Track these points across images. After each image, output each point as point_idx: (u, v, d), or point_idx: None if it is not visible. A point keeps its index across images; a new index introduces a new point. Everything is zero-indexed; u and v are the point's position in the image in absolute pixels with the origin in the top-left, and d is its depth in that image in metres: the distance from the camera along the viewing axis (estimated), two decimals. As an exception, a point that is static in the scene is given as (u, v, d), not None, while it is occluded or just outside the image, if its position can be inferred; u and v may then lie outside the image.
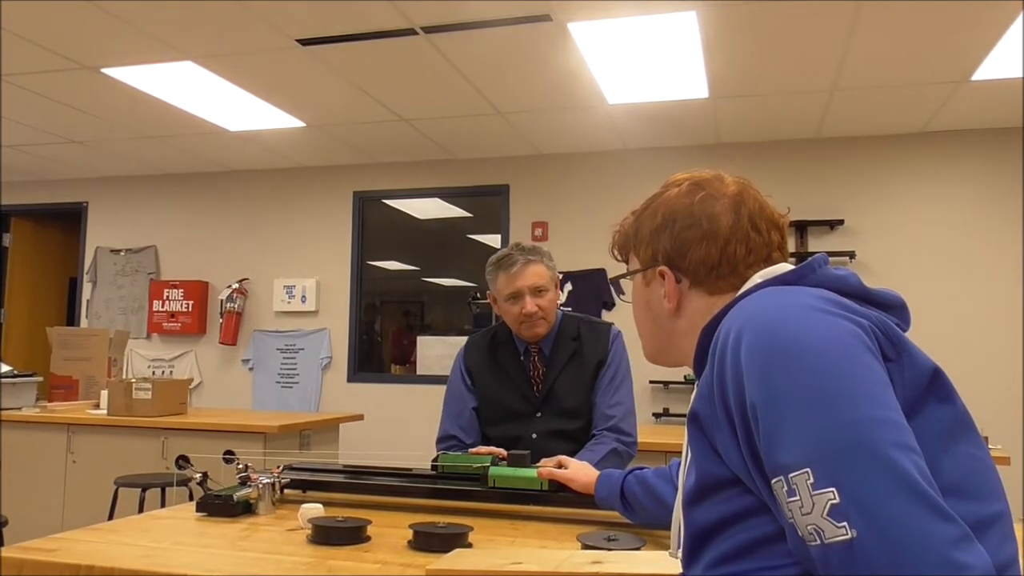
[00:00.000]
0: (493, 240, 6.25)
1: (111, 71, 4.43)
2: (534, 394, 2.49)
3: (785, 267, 1.08)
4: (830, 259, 1.04)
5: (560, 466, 2.00)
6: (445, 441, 2.55)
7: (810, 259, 1.02)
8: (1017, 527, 1.61)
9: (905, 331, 0.95)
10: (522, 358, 2.53)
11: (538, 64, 4.24)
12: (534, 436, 2.44)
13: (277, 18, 3.72)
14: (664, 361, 1.21)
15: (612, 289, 2.67)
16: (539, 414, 2.47)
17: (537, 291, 2.42)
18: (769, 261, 1.11)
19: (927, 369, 0.90)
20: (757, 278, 1.07)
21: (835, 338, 0.85)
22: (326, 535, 1.66)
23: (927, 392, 0.89)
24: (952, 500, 0.77)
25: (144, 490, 3.88)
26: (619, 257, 1.26)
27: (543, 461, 2.07)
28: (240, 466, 2.06)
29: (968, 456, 0.89)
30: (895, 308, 0.99)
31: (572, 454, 2.29)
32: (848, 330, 0.87)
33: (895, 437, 0.78)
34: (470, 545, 1.64)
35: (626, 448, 2.42)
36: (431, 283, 7.15)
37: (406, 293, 7.27)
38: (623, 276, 1.24)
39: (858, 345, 0.85)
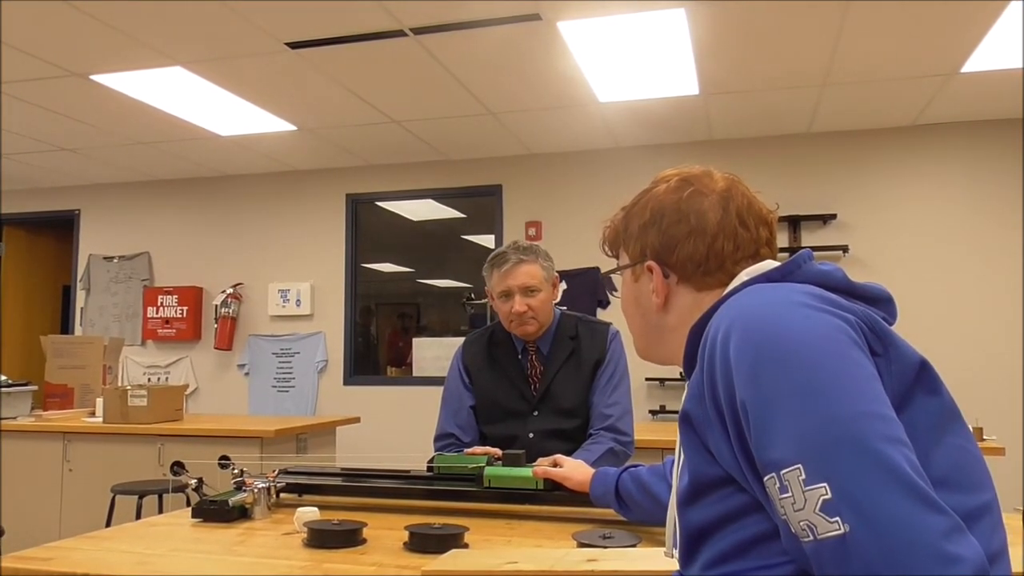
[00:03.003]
0: (487, 241, 6.25)
1: (100, 78, 4.42)
2: (531, 392, 2.49)
3: (771, 264, 1.08)
4: (824, 253, 1.04)
5: (555, 465, 2.00)
6: (443, 439, 2.55)
7: (795, 255, 1.02)
8: (1015, 517, 1.61)
9: (892, 324, 0.95)
10: (520, 356, 2.53)
11: (529, 63, 4.24)
12: (531, 435, 2.44)
13: (266, 22, 3.72)
14: (655, 358, 1.21)
15: (605, 286, 2.66)
16: (536, 413, 2.47)
17: (527, 291, 2.42)
18: (757, 257, 1.11)
19: (914, 362, 0.90)
20: (744, 275, 1.06)
21: (822, 334, 0.85)
22: (322, 538, 1.66)
23: (915, 385, 0.89)
24: (942, 492, 0.77)
25: (141, 497, 3.87)
26: (609, 253, 1.26)
27: (539, 460, 2.07)
28: (235, 471, 2.06)
29: (956, 448, 0.89)
30: (881, 302, 1.00)
31: (569, 453, 2.29)
32: (835, 325, 0.87)
33: (885, 431, 0.78)
34: (466, 545, 1.64)
35: (623, 448, 2.42)
36: (426, 284, 7.14)
37: (401, 295, 7.26)
38: (612, 272, 1.25)
39: (845, 340, 0.85)
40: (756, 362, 0.85)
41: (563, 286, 5.59)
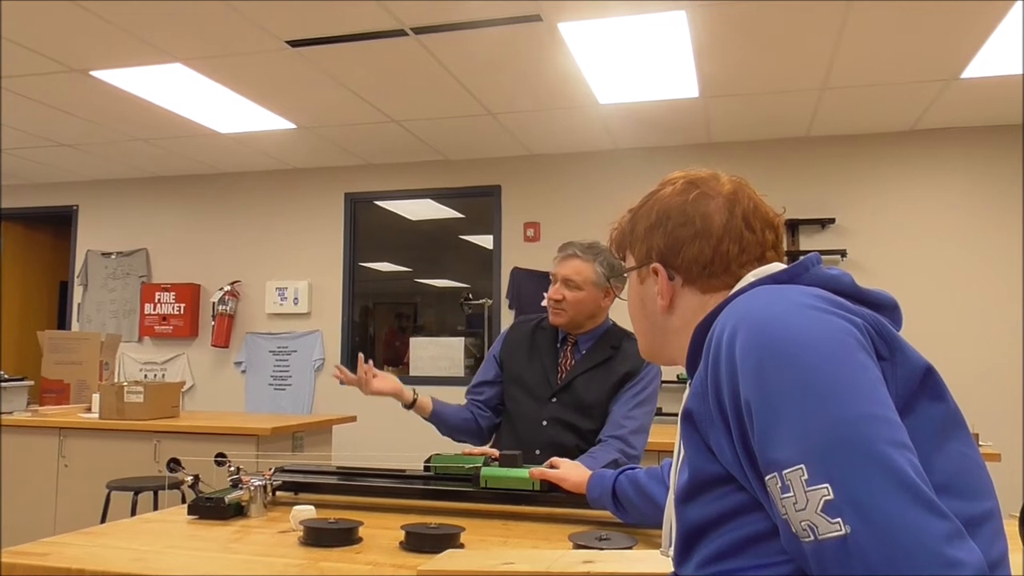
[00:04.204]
0: (485, 241, 6.24)
1: (100, 74, 4.41)
2: (556, 380, 2.54)
3: (778, 266, 1.08)
4: (822, 257, 1.04)
5: (552, 466, 2.00)
6: (471, 392, 2.72)
7: (803, 258, 1.02)
8: (1011, 523, 1.62)
9: (897, 332, 0.95)
10: (558, 345, 2.61)
11: (529, 64, 4.24)
12: (544, 423, 2.49)
13: (266, 20, 3.71)
14: (658, 359, 1.22)
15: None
16: (554, 399, 2.51)
17: (567, 282, 2.52)
18: (763, 260, 1.11)
19: (920, 367, 0.90)
20: (750, 277, 1.07)
21: (829, 335, 0.85)
22: (317, 537, 1.66)
23: (920, 390, 0.89)
24: (944, 498, 0.77)
25: (136, 493, 3.86)
26: (617, 255, 1.27)
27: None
28: (231, 468, 2.06)
29: (959, 455, 0.89)
30: (887, 308, 0.99)
31: (580, 450, 2.35)
32: (842, 328, 0.86)
33: (889, 434, 0.78)
34: (462, 546, 1.64)
35: (627, 461, 2.43)
36: (424, 284, 7.14)
37: (398, 294, 7.26)
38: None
39: (852, 343, 0.85)
40: (761, 362, 0.85)
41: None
